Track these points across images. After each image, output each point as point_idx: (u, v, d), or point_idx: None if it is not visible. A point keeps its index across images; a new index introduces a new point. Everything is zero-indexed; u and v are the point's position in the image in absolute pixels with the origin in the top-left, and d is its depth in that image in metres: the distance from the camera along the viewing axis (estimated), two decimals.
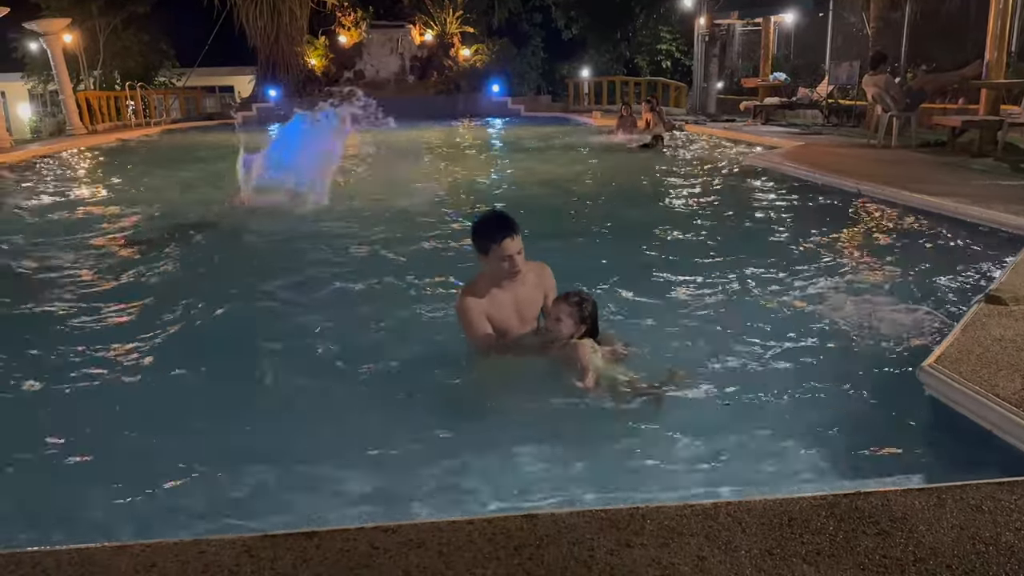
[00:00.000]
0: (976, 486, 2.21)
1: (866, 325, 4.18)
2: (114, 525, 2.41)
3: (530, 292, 3.68)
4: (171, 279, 5.54)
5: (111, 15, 26.53)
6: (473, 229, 3.60)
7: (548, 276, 3.80)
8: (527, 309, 3.69)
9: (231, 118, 24.09)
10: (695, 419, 3.07)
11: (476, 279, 3.69)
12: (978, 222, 6.26)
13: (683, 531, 2.00)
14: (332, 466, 2.76)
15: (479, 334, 3.56)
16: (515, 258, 3.47)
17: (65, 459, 2.88)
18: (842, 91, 16.74)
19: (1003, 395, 2.79)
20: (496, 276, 3.57)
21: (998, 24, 11.22)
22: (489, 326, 3.57)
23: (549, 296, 3.73)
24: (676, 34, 30.52)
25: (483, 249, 3.52)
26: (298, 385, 3.53)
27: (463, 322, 3.61)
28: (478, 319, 3.54)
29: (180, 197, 9.51)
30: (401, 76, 27.68)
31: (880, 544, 1.95)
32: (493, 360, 3.55)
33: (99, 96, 22.09)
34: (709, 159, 12.61)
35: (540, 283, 3.73)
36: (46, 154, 14.68)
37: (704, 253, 5.98)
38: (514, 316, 3.63)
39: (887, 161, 10.21)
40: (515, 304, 3.63)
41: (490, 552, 1.93)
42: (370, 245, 6.50)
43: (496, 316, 3.58)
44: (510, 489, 2.56)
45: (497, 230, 3.48)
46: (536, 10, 34.68)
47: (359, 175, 11.31)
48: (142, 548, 1.98)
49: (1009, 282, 4.28)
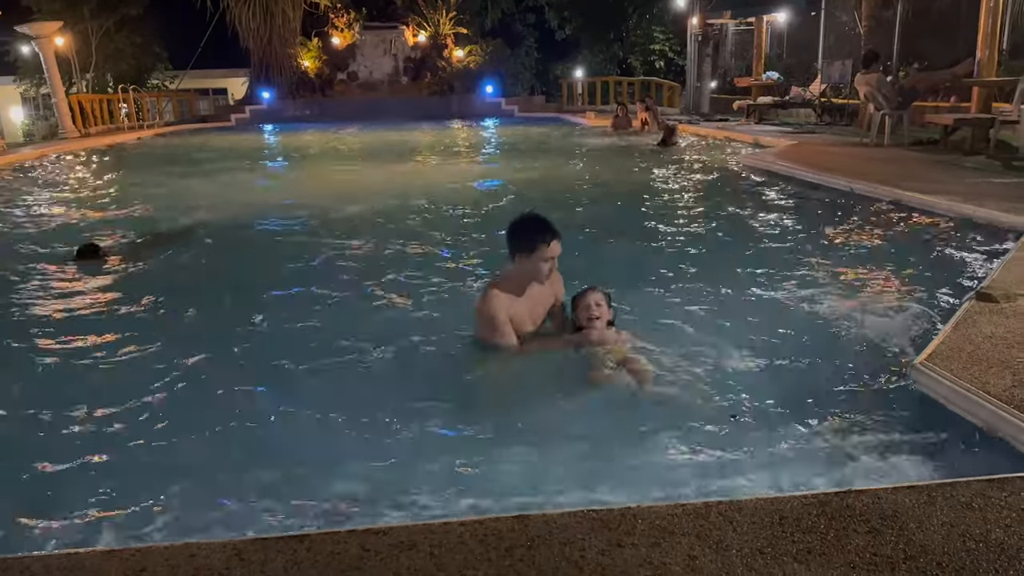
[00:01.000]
0: (966, 483, 2.22)
1: (858, 323, 4.19)
2: (103, 530, 2.40)
3: (545, 294, 3.78)
4: (158, 283, 5.52)
5: (103, 18, 26.45)
6: (516, 228, 3.59)
7: (560, 281, 3.90)
8: (539, 310, 3.78)
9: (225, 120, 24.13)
10: (684, 418, 3.07)
11: (502, 279, 3.71)
12: (970, 219, 6.27)
13: (674, 531, 2.00)
14: (322, 469, 2.76)
15: (502, 333, 3.58)
16: (554, 261, 3.54)
17: (53, 465, 2.86)
18: (835, 90, 16.77)
19: (994, 392, 2.80)
20: (527, 276, 3.60)
21: (989, 22, 11.26)
22: (510, 326, 3.60)
23: (558, 299, 3.86)
24: (669, 34, 30.57)
25: (528, 248, 3.52)
26: (286, 388, 3.52)
27: (485, 319, 3.60)
28: (503, 319, 3.57)
29: (173, 201, 9.48)
30: (395, 77, 27.70)
31: (871, 542, 1.95)
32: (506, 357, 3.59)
33: (92, 99, 22.04)
34: (703, 159, 12.63)
35: (554, 287, 3.82)
36: (39, 157, 14.64)
37: (696, 252, 5.99)
38: (528, 317, 3.70)
39: (880, 159, 10.23)
40: (531, 305, 3.71)
41: (481, 553, 1.93)
42: (362, 245, 6.49)
43: (515, 316, 3.63)
44: (501, 490, 2.56)
45: (543, 231, 3.51)
46: (529, 10, 34.69)
47: (353, 175, 11.32)
48: (132, 553, 1.97)
49: (1000, 279, 4.29)
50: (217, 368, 3.79)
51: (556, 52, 36.93)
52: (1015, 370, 2.99)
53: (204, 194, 9.97)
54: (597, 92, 26.90)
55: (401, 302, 4.83)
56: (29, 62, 27.01)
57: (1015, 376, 2.94)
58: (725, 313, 4.41)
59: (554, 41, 35.45)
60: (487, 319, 3.58)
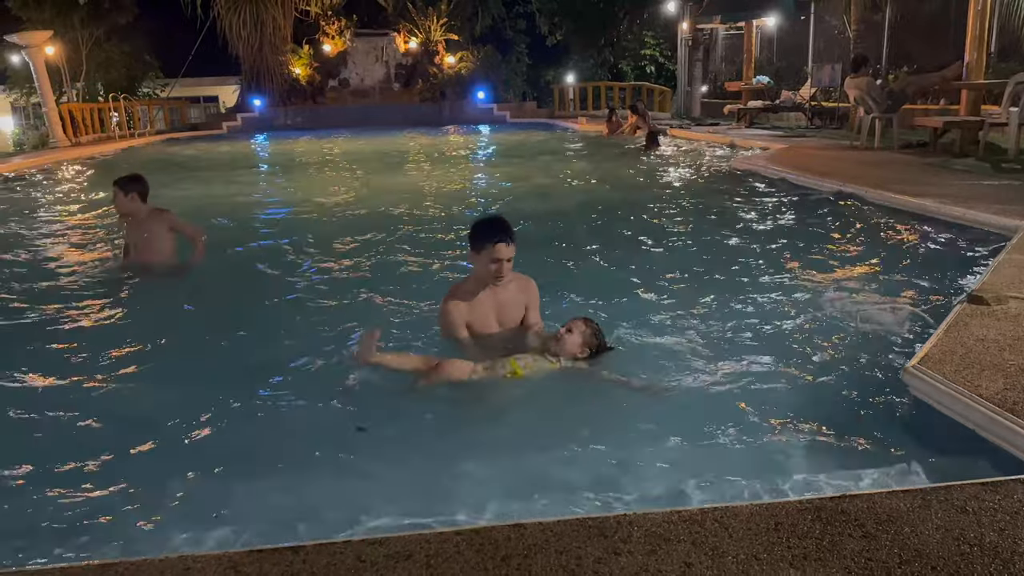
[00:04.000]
0: (960, 487, 2.22)
1: (850, 326, 4.20)
2: (98, 543, 2.39)
3: (511, 299, 3.86)
4: (153, 294, 5.50)
5: (93, 26, 26.38)
6: (472, 226, 3.78)
7: (532, 289, 3.96)
8: (506, 315, 3.88)
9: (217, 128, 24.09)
10: (678, 424, 3.08)
11: (463, 281, 3.93)
12: (960, 222, 6.30)
13: (670, 537, 2.01)
14: (315, 479, 2.75)
15: (456, 335, 3.79)
16: (503, 265, 3.64)
17: (46, 479, 2.85)
18: (825, 93, 16.86)
19: (986, 395, 2.81)
20: (481, 279, 3.74)
21: (977, 25, 11.35)
22: (466, 330, 3.79)
23: (530, 309, 3.93)
24: (660, 39, 30.68)
25: (477, 247, 3.68)
26: (279, 398, 3.51)
27: (442, 321, 3.85)
28: (458, 321, 3.77)
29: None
30: (386, 84, 27.73)
31: (866, 547, 1.96)
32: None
33: (82, 108, 21.95)
34: (694, 163, 12.67)
35: (523, 294, 3.91)
36: (30, 167, 14.57)
37: (688, 256, 6.00)
38: (493, 320, 3.84)
39: (870, 162, 10.29)
40: (495, 308, 3.83)
41: (477, 562, 1.93)
42: (356, 251, 6.48)
43: (476, 319, 3.79)
44: (497, 498, 2.56)
45: (494, 232, 3.63)
46: (520, 16, 34.81)
47: (349, 183, 11.31)
48: (127, 566, 1.96)
49: (991, 282, 4.31)
50: (210, 377, 3.78)
51: (547, 58, 37.09)
52: (1007, 373, 3.00)
53: (202, 202, 9.94)
54: (589, 97, 26.97)
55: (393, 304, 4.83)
56: (19, 71, 26.94)
57: (1007, 379, 2.95)
58: (714, 318, 4.42)
59: (545, 47, 35.59)
60: (441, 316, 3.86)
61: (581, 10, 31.79)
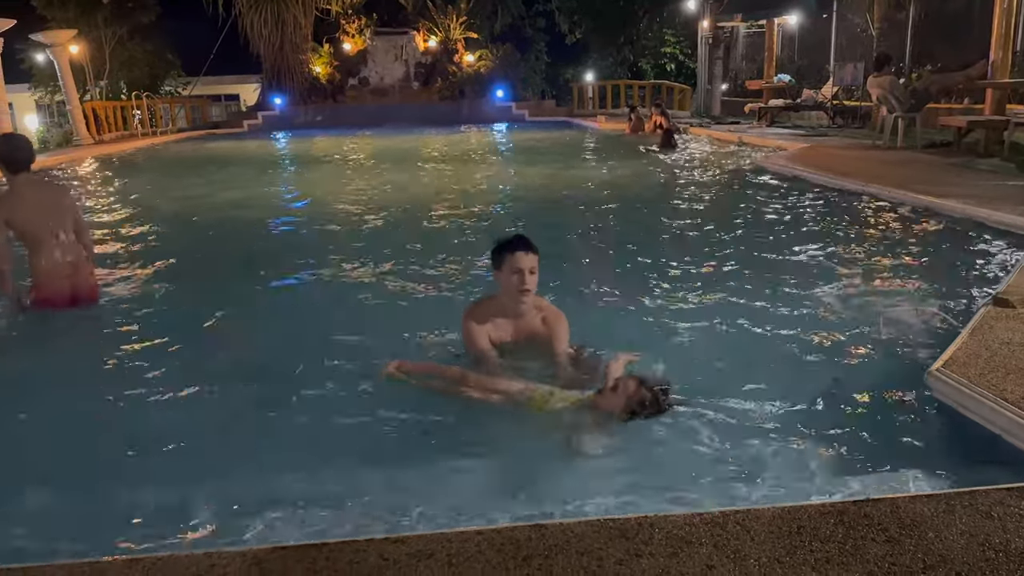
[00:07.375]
0: (985, 492, 2.20)
1: (872, 329, 4.16)
2: (126, 539, 2.41)
3: (535, 328, 3.66)
4: (178, 290, 5.55)
5: (117, 25, 26.67)
6: (493, 247, 3.66)
7: (561, 322, 3.69)
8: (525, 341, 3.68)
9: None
10: (701, 427, 3.06)
11: (485, 298, 3.79)
12: (985, 223, 6.24)
13: (692, 540, 2.00)
14: (341, 478, 2.77)
15: (477, 348, 3.62)
16: (525, 275, 3.49)
17: (74, 475, 2.89)
18: (847, 92, 16.72)
19: (1011, 399, 2.78)
20: (504, 302, 3.61)
21: (1003, 24, 11.21)
22: (488, 343, 3.62)
23: (555, 342, 3.64)
24: (680, 37, 30.59)
25: (497, 263, 3.58)
26: (305, 398, 3.53)
27: (464, 335, 3.71)
28: (479, 335, 3.61)
29: (186, 206, 9.54)
30: (406, 83, 27.82)
31: (889, 551, 1.94)
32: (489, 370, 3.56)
33: (106, 106, 22.23)
34: (715, 162, 12.61)
35: (550, 326, 3.67)
36: (55, 165, 14.75)
37: (710, 257, 5.97)
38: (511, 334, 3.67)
39: (893, 162, 10.19)
40: (516, 334, 3.66)
41: (499, 562, 1.94)
42: (380, 254, 6.50)
43: (496, 339, 3.64)
44: (519, 499, 2.56)
45: (513, 243, 3.53)
46: (539, 15, 34.77)
47: (373, 184, 11.36)
48: (153, 561, 1.99)
49: (1017, 284, 4.26)
50: (234, 374, 3.80)
51: (566, 56, 36.99)
52: None
53: (223, 199, 10.03)
54: (608, 96, 26.92)
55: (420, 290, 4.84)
56: (44, 70, 27.26)
57: None
58: (738, 318, 4.39)
59: (564, 45, 35.51)
60: (463, 330, 3.70)
61: (601, 8, 31.72)
